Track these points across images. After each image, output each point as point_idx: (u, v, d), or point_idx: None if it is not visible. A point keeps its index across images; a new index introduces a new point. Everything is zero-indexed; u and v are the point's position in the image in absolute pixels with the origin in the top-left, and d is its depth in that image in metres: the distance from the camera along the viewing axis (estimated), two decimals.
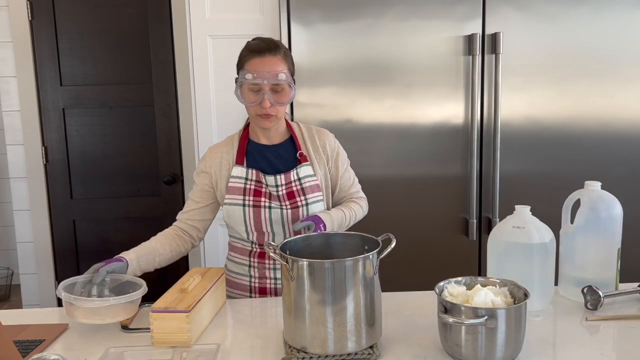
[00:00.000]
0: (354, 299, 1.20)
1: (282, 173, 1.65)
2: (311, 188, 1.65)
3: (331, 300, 1.19)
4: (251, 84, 1.54)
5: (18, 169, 2.98)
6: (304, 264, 1.20)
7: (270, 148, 1.69)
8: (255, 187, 1.64)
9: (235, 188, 1.65)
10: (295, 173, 1.65)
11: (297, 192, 1.64)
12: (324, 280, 1.18)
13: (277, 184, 1.64)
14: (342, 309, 1.19)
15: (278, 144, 1.70)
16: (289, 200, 1.63)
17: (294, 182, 1.65)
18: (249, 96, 1.57)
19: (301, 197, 1.63)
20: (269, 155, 1.68)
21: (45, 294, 3.07)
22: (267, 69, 1.54)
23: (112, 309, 1.35)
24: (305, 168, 1.66)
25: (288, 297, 1.24)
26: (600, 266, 1.51)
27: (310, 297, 1.20)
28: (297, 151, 1.68)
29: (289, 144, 1.70)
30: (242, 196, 1.64)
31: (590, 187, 1.52)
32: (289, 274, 1.22)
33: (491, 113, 2.37)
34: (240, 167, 1.66)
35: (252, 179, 1.65)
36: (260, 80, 1.53)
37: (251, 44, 1.60)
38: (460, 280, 1.31)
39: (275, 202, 1.63)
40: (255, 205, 1.63)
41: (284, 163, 1.67)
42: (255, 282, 1.69)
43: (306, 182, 1.65)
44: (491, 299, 1.20)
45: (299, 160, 1.67)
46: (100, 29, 2.92)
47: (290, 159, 1.68)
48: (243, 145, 1.70)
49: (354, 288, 1.20)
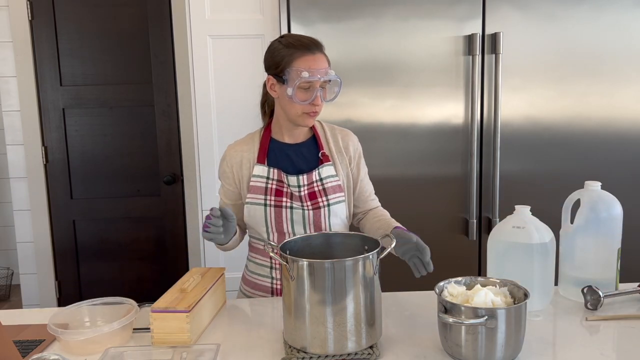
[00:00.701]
0: (354, 299, 1.20)
1: (304, 173, 1.62)
2: (333, 188, 1.62)
3: (331, 300, 1.19)
4: (305, 82, 1.49)
5: (18, 169, 2.98)
6: (304, 264, 1.20)
7: (293, 147, 1.66)
8: (277, 186, 1.61)
9: (257, 187, 1.62)
10: (317, 173, 1.62)
11: (319, 193, 1.61)
12: (324, 280, 1.18)
13: (300, 184, 1.61)
14: (342, 309, 1.19)
15: (300, 143, 1.66)
16: (311, 201, 1.61)
17: (316, 183, 1.62)
18: (301, 95, 1.52)
19: (323, 198, 1.61)
20: (291, 154, 1.65)
21: (45, 294, 3.07)
22: (319, 66, 1.51)
23: (106, 337, 1.31)
24: (327, 168, 1.63)
25: (288, 297, 1.24)
26: (600, 266, 1.51)
27: (310, 297, 1.20)
28: (320, 150, 1.65)
29: (312, 143, 1.67)
30: (264, 195, 1.61)
31: (590, 187, 1.52)
32: (288, 274, 1.22)
33: (491, 113, 2.37)
34: (262, 166, 1.63)
35: (273, 178, 1.62)
36: (316, 78, 1.49)
37: (293, 40, 1.54)
38: (460, 280, 1.30)
39: (296, 202, 1.60)
40: (276, 205, 1.60)
41: (306, 162, 1.64)
42: (277, 284, 1.67)
43: (328, 182, 1.63)
44: (491, 299, 1.20)
45: (321, 160, 1.64)
46: (100, 29, 2.92)
47: (312, 158, 1.65)
48: (265, 143, 1.66)
49: (354, 288, 1.20)
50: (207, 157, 2.67)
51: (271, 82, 1.57)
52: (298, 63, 1.50)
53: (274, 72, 1.55)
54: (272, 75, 1.56)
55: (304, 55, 1.51)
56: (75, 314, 1.41)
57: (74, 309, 1.41)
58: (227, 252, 2.36)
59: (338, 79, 1.55)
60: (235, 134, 2.65)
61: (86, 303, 1.43)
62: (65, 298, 3.09)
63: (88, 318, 1.43)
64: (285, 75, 1.52)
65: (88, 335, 1.29)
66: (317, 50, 1.53)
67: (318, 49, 1.53)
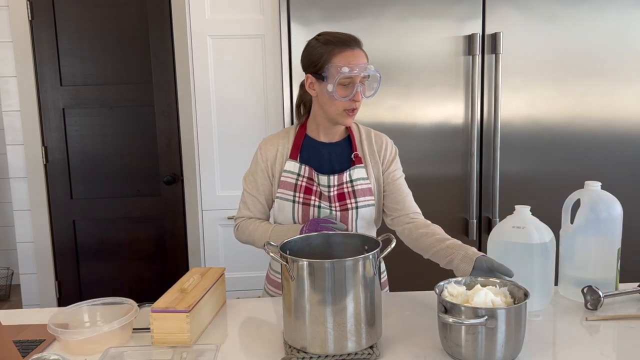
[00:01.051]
0: (354, 299, 1.20)
1: (336, 174, 1.60)
2: (363, 191, 1.60)
3: (331, 300, 1.19)
4: (345, 77, 1.47)
5: (18, 169, 2.98)
6: (304, 264, 1.20)
7: (327, 146, 1.63)
8: (307, 184, 1.59)
9: (287, 183, 1.60)
10: (349, 174, 1.60)
11: (348, 194, 1.59)
12: (324, 280, 1.18)
13: (330, 184, 1.59)
14: (342, 309, 1.19)
15: (335, 143, 1.64)
16: (339, 202, 1.59)
17: (346, 184, 1.59)
18: (341, 91, 1.50)
19: (352, 200, 1.59)
20: (324, 152, 1.63)
21: (45, 294, 3.07)
22: (359, 61, 1.49)
23: (106, 337, 1.31)
24: (358, 170, 1.61)
25: (288, 297, 1.24)
26: (600, 266, 1.51)
27: (310, 297, 1.20)
28: (353, 152, 1.63)
29: (346, 144, 1.65)
30: (293, 192, 1.59)
31: (590, 187, 1.52)
32: (288, 274, 1.21)
33: (491, 113, 2.37)
34: (294, 162, 1.61)
35: (304, 175, 1.60)
36: (357, 73, 1.47)
37: (331, 37, 1.52)
38: (460, 280, 1.30)
39: (325, 202, 1.58)
40: (304, 202, 1.58)
41: (338, 163, 1.62)
42: None
43: (358, 184, 1.60)
44: (491, 299, 1.19)
45: (354, 161, 1.62)
46: (100, 29, 2.92)
47: (344, 159, 1.63)
48: (299, 139, 1.64)
49: (354, 288, 1.19)
50: (207, 157, 2.67)
51: (310, 81, 1.55)
52: (337, 59, 1.48)
53: (312, 70, 1.53)
54: (311, 73, 1.53)
55: (343, 51, 1.49)
56: (75, 314, 1.41)
57: (74, 309, 1.41)
58: (227, 252, 2.37)
59: (377, 74, 1.53)
60: (235, 133, 2.65)
61: (86, 303, 1.43)
62: (65, 298, 3.09)
63: (88, 318, 1.43)
64: (325, 72, 1.49)
65: (88, 335, 1.29)
66: (355, 46, 1.51)
67: (357, 45, 1.51)
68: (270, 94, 2.64)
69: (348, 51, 1.49)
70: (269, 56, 2.61)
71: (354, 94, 1.49)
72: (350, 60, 1.48)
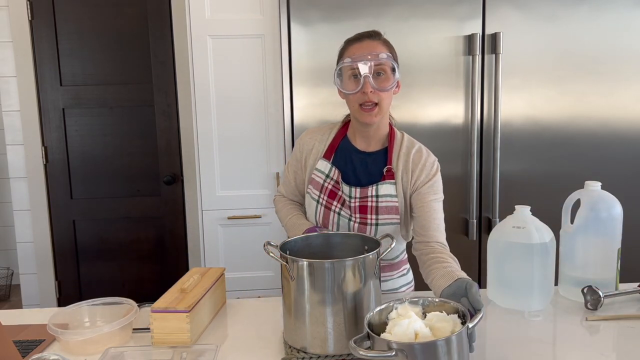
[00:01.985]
0: (354, 299, 1.20)
1: (359, 187, 1.52)
2: (387, 209, 1.50)
3: (331, 300, 1.19)
4: (349, 69, 1.43)
5: (18, 169, 2.98)
6: (304, 264, 1.20)
7: (360, 154, 1.55)
8: (333, 187, 1.55)
9: (316, 182, 1.57)
10: (375, 189, 1.50)
11: (370, 209, 1.51)
12: (324, 281, 1.18)
13: (351, 195, 1.52)
14: (342, 309, 1.19)
15: (369, 153, 1.55)
16: (360, 214, 1.51)
17: (371, 198, 1.51)
18: (349, 84, 1.44)
19: (372, 216, 1.50)
20: (356, 160, 1.55)
21: (45, 294, 3.07)
22: (364, 50, 1.42)
23: (106, 337, 1.31)
24: (388, 186, 1.51)
25: (288, 297, 1.24)
26: (600, 266, 1.51)
27: (310, 297, 1.20)
28: (387, 165, 1.53)
29: (381, 155, 1.55)
30: (319, 193, 1.56)
31: (590, 187, 1.52)
32: (288, 274, 1.21)
33: (491, 113, 2.37)
34: (326, 162, 1.56)
35: (332, 177, 1.55)
36: (359, 61, 1.40)
37: (351, 37, 1.50)
38: (417, 300, 1.13)
39: (346, 210, 1.53)
40: (327, 206, 1.55)
41: (368, 174, 1.53)
42: None
43: (384, 201, 1.50)
44: (415, 330, 1.03)
45: (384, 176, 1.52)
46: (100, 29, 2.92)
47: (376, 171, 1.53)
48: (337, 140, 1.58)
49: (354, 288, 1.19)
50: (207, 157, 2.67)
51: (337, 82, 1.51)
52: (347, 54, 1.46)
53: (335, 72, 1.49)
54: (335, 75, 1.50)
55: (352, 45, 1.46)
56: (75, 314, 1.41)
57: (74, 309, 1.41)
58: (227, 252, 2.37)
59: (388, 62, 1.42)
60: (235, 134, 2.65)
61: (86, 303, 1.43)
62: (65, 298, 3.09)
63: (88, 318, 1.43)
64: (338, 67, 1.48)
65: (88, 335, 1.29)
66: (365, 39, 1.46)
67: (368, 37, 1.46)
68: (270, 94, 2.64)
69: (356, 44, 1.46)
70: (269, 56, 2.61)
71: (363, 85, 1.41)
72: (355, 52, 1.44)
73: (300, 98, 2.36)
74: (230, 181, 2.69)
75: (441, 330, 1.03)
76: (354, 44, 1.47)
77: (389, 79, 1.44)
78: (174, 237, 3.08)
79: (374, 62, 1.41)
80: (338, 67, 1.47)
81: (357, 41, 1.47)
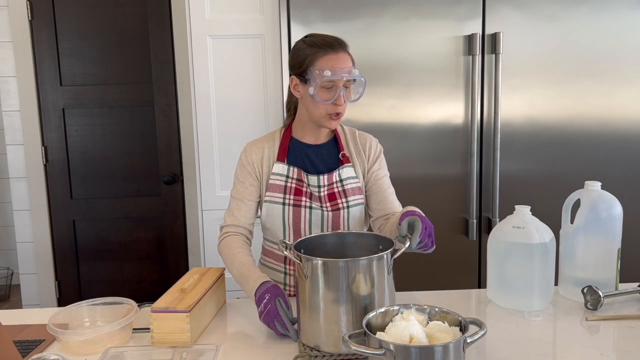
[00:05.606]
0: (368, 298, 1.19)
1: (325, 173, 1.59)
2: (352, 190, 1.59)
3: (345, 299, 1.18)
4: (327, 81, 1.46)
5: (18, 169, 2.98)
6: (318, 263, 1.19)
7: (313, 147, 1.62)
8: (297, 185, 1.58)
9: (276, 186, 1.59)
10: (338, 174, 1.59)
11: (338, 194, 1.58)
12: (338, 279, 1.18)
13: (320, 185, 1.58)
14: (355, 308, 1.19)
15: (321, 144, 1.63)
16: (330, 202, 1.58)
17: (336, 184, 1.59)
18: (323, 94, 1.48)
19: (342, 199, 1.58)
20: (311, 154, 1.62)
21: (45, 294, 3.07)
22: (342, 65, 1.47)
23: (106, 337, 1.31)
24: (347, 169, 1.61)
25: (302, 295, 1.24)
26: (600, 266, 1.51)
27: (324, 296, 1.19)
28: (340, 152, 1.63)
29: (332, 145, 1.64)
30: (283, 194, 1.58)
31: (590, 187, 1.52)
32: (302, 273, 1.21)
33: (491, 113, 2.37)
34: (282, 164, 1.60)
35: (293, 177, 1.59)
36: (338, 77, 1.45)
37: (317, 39, 1.51)
38: (425, 308, 1.14)
39: (316, 202, 1.57)
40: (295, 204, 1.57)
41: (326, 163, 1.61)
42: (291, 291, 1.64)
43: (348, 184, 1.60)
44: (411, 334, 1.04)
45: (341, 161, 1.61)
46: (100, 29, 2.92)
47: (332, 160, 1.62)
48: (285, 142, 1.63)
49: (368, 287, 1.19)
50: (207, 157, 2.67)
51: (294, 82, 1.55)
52: (320, 62, 1.47)
53: (297, 71, 1.53)
54: (296, 75, 1.53)
55: (326, 54, 1.48)
56: (75, 314, 1.41)
57: (74, 309, 1.42)
58: None
59: (362, 79, 1.52)
60: (235, 133, 2.65)
61: (86, 303, 1.43)
62: (65, 298, 3.09)
63: (88, 318, 1.43)
64: (308, 75, 1.49)
65: (88, 335, 1.29)
66: (340, 49, 1.49)
67: (342, 48, 1.50)
68: (270, 94, 2.64)
69: (331, 54, 1.48)
70: (269, 56, 2.61)
71: (336, 97, 1.48)
72: (333, 64, 1.47)
73: None
74: (230, 181, 2.67)
75: (439, 340, 1.04)
76: (329, 54, 1.48)
77: (355, 91, 1.54)
78: (174, 237, 3.08)
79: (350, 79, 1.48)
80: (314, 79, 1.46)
81: (332, 51, 1.48)
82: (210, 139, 2.65)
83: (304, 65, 1.50)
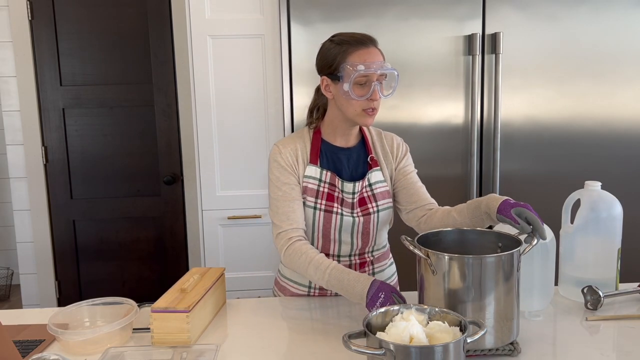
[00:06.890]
0: (496, 295, 1.19)
1: (359, 180, 1.56)
2: (382, 194, 1.58)
3: (472, 295, 1.18)
4: (361, 76, 1.43)
5: (18, 169, 2.98)
6: (445, 258, 1.19)
7: (344, 151, 1.58)
8: (329, 190, 1.55)
9: (309, 189, 1.54)
10: (367, 179, 1.57)
11: (368, 199, 1.56)
12: (466, 276, 1.17)
13: (355, 191, 1.55)
14: (483, 304, 1.18)
15: (351, 147, 1.59)
16: (360, 207, 1.56)
17: (365, 188, 1.57)
18: (358, 90, 1.45)
19: (373, 204, 1.56)
20: (342, 158, 1.58)
21: (45, 294, 3.07)
22: (374, 59, 1.45)
23: (106, 337, 1.31)
24: (375, 173, 1.59)
25: (428, 291, 1.23)
26: (600, 266, 1.51)
27: (451, 291, 1.19)
28: (368, 155, 1.60)
29: (361, 148, 1.61)
30: (314, 199, 1.54)
31: (590, 187, 1.52)
32: (429, 268, 1.20)
33: (491, 113, 2.37)
34: (315, 167, 1.55)
35: (326, 181, 1.55)
36: (372, 71, 1.43)
37: (345, 37, 1.48)
38: (425, 308, 1.14)
39: (347, 209, 1.55)
40: (327, 210, 1.54)
41: (356, 168, 1.59)
42: (316, 293, 1.63)
43: (377, 188, 1.58)
44: (411, 334, 1.03)
45: (370, 165, 1.59)
46: (100, 29, 2.92)
47: (361, 163, 1.59)
48: (317, 143, 1.57)
49: (496, 284, 1.18)
50: (207, 157, 2.67)
51: (325, 83, 1.51)
52: (352, 58, 1.45)
53: (327, 71, 1.49)
54: (327, 75, 1.49)
55: (358, 49, 1.45)
56: (75, 314, 1.41)
57: (74, 309, 1.42)
58: (227, 252, 2.35)
59: (395, 72, 1.49)
60: (235, 133, 2.65)
61: (86, 303, 1.43)
62: (65, 298, 3.09)
63: (88, 318, 1.43)
64: (340, 72, 1.45)
65: (88, 335, 1.30)
66: (370, 44, 1.48)
67: (372, 43, 1.49)
68: (270, 94, 2.64)
69: (363, 49, 1.46)
70: (269, 56, 2.61)
71: (372, 92, 1.45)
72: (366, 58, 1.45)
73: (300, 98, 2.36)
74: (230, 181, 2.68)
75: (440, 340, 1.04)
76: (361, 49, 1.46)
77: (389, 85, 1.51)
78: (174, 237, 3.08)
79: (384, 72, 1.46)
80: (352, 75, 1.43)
81: (363, 46, 1.47)
82: (210, 139, 2.65)
83: (335, 64, 1.47)
